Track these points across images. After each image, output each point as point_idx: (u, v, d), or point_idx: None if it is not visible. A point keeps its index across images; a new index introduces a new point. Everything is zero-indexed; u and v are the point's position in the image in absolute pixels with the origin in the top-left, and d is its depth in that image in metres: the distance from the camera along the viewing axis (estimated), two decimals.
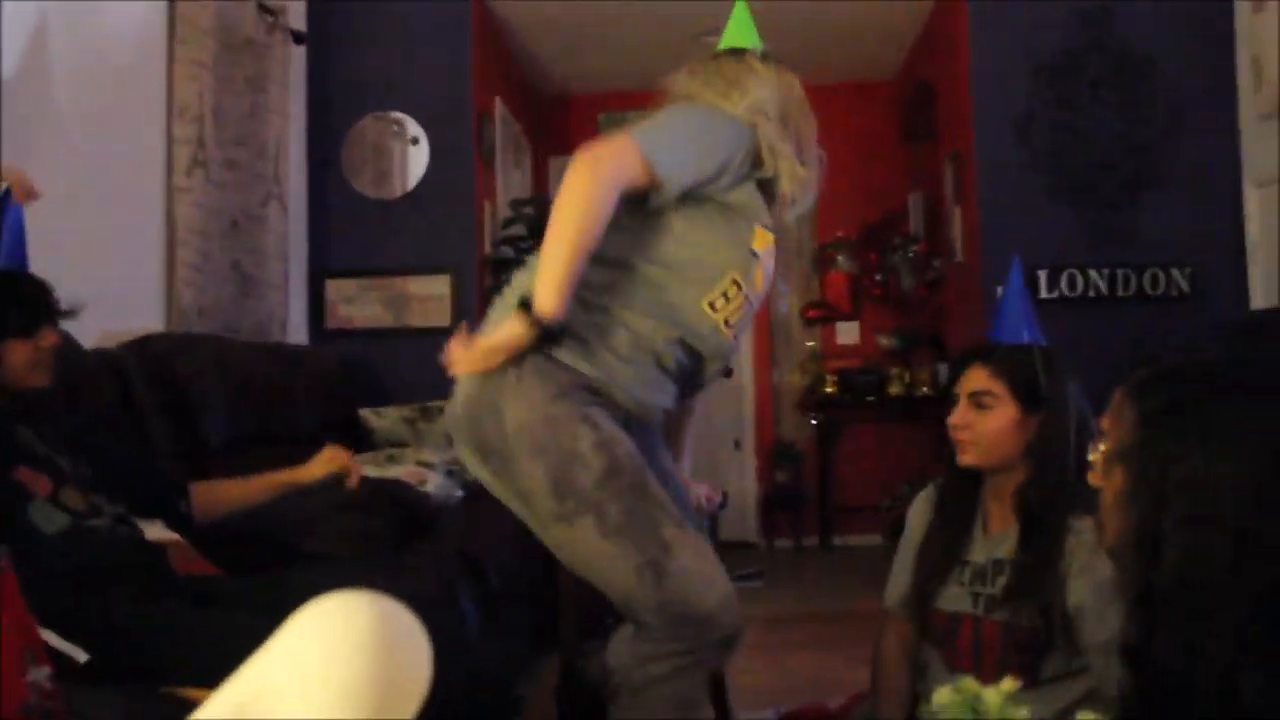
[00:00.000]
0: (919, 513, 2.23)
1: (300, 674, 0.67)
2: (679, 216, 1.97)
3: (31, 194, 2.16)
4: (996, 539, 2.06)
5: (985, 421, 2.03)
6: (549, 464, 1.83)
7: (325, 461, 2.30)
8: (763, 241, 2.03)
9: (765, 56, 2.23)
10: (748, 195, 2.03)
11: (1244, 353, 3.93)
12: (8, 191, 2.15)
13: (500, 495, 2.00)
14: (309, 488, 2.35)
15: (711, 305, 1.97)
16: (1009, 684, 0.73)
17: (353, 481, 2.35)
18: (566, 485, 1.83)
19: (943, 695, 0.75)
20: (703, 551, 1.84)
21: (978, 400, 2.04)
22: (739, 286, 1.99)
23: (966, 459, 2.06)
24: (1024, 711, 0.72)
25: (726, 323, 2.00)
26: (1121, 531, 1.27)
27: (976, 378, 2.05)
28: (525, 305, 1.81)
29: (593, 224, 1.84)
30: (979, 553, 2.07)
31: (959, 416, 2.06)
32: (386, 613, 0.70)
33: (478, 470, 2.01)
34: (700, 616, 1.78)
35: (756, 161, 2.05)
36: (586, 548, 1.86)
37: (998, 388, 2.03)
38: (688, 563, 1.80)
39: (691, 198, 1.97)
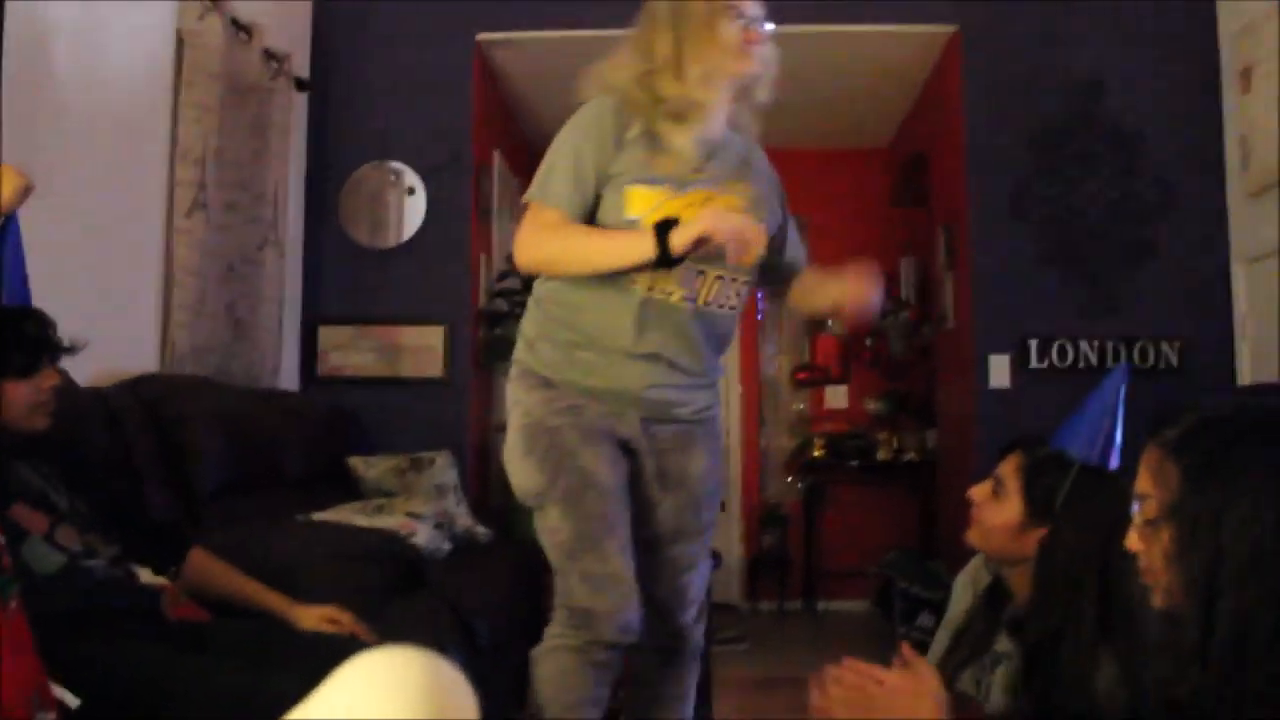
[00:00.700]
0: (961, 585, 2.20)
1: None
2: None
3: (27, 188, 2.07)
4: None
5: (990, 509, 1.99)
6: (521, 459, 2.23)
7: (323, 619, 2.18)
8: (641, 201, 2.14)
9: None
10: (629, 164, 2.18)
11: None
12: (10, 220, 2.11)
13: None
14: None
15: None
16: None
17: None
18: (531, 482, 2.21)
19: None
20: (615, 577, 2.12)
21: (995, 486, 2.00)
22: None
23: (969, 536, 2.04)
24: None
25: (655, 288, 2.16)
26: (1177, 588, 1.27)
27: (1007, 463, 2.01)
28: (661, 257, 2.06)
29: (572, 242, 2.17)
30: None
31: (976, 491, 2.03)
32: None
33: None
34: (598, 640, 2.12)
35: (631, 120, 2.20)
36: (545, 544, 2.21)
37: (1013, 482, 1.97)
38: (591, 589, 2.12)
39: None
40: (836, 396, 6.99)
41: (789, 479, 6.90)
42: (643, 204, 2.14)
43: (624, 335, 2.17)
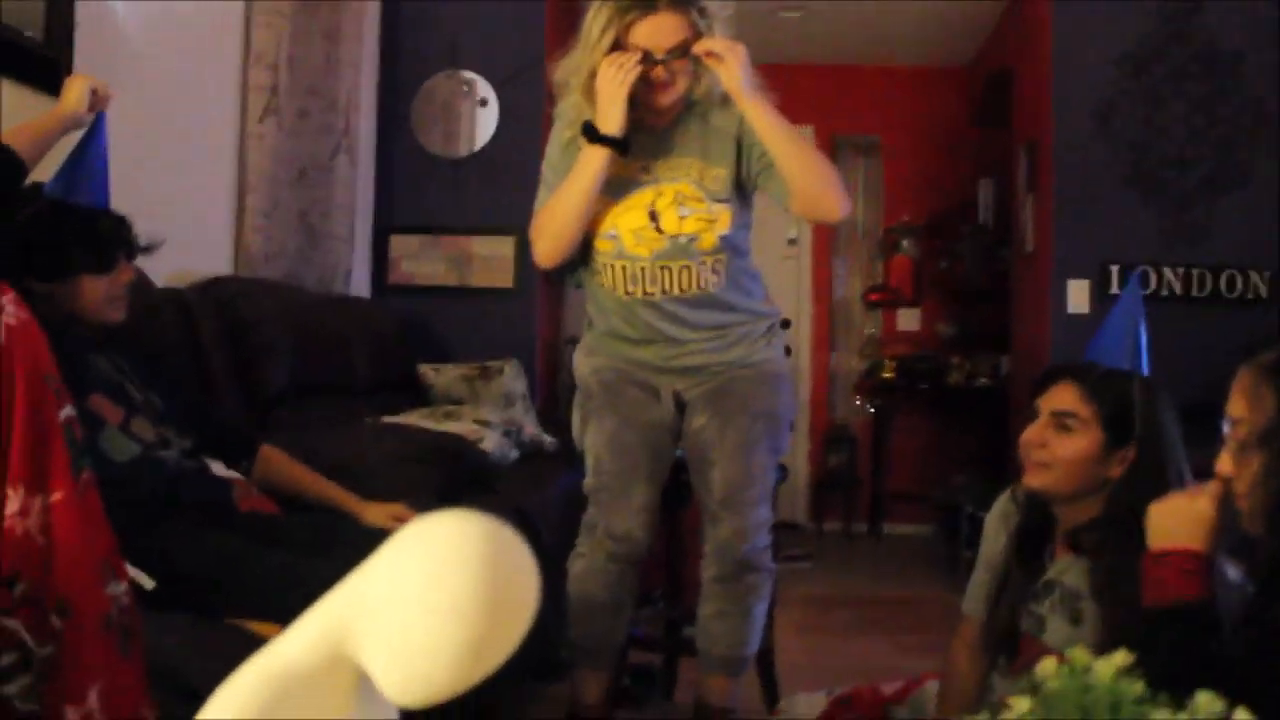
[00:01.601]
0: (993, 523, 2.13)
1: (404, 592, 0.65)
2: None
3: (106, 98, 2.16)
4: (1054, 564, 1.99)
5: (1065, 445, 1.86)
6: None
7: (390, 517, 2.22)
8: (600, 220, 2.37)
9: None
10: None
11: None
12: (99, 120, 2.15)
13: None
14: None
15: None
16: (1122, 657, 0.70)
17: None
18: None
19: (1048, 665, 0.72)
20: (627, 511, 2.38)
21: (1060, 420, 1.87)
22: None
23: (1035, 481, 1.91)
24: (1138, 686, 0.69)
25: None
26: (1265, 512, 1.23)
27: (1063, 396, 1.88)
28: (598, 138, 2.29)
29: (559, 216, 2.37)
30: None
31: (1036, 433, 1.90)
32: (493, 532, 0.68)
33: None
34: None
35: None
36: None
37: (1086, 411, 1.85)
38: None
39: None
40: (909, 319, 6.90)
41: (858, 400, 6.86)
42: (594, 220, 2.38)
43: (625, 328, 2.46)
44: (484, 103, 4.87)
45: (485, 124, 4.86)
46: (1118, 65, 4.61)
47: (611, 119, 2.26)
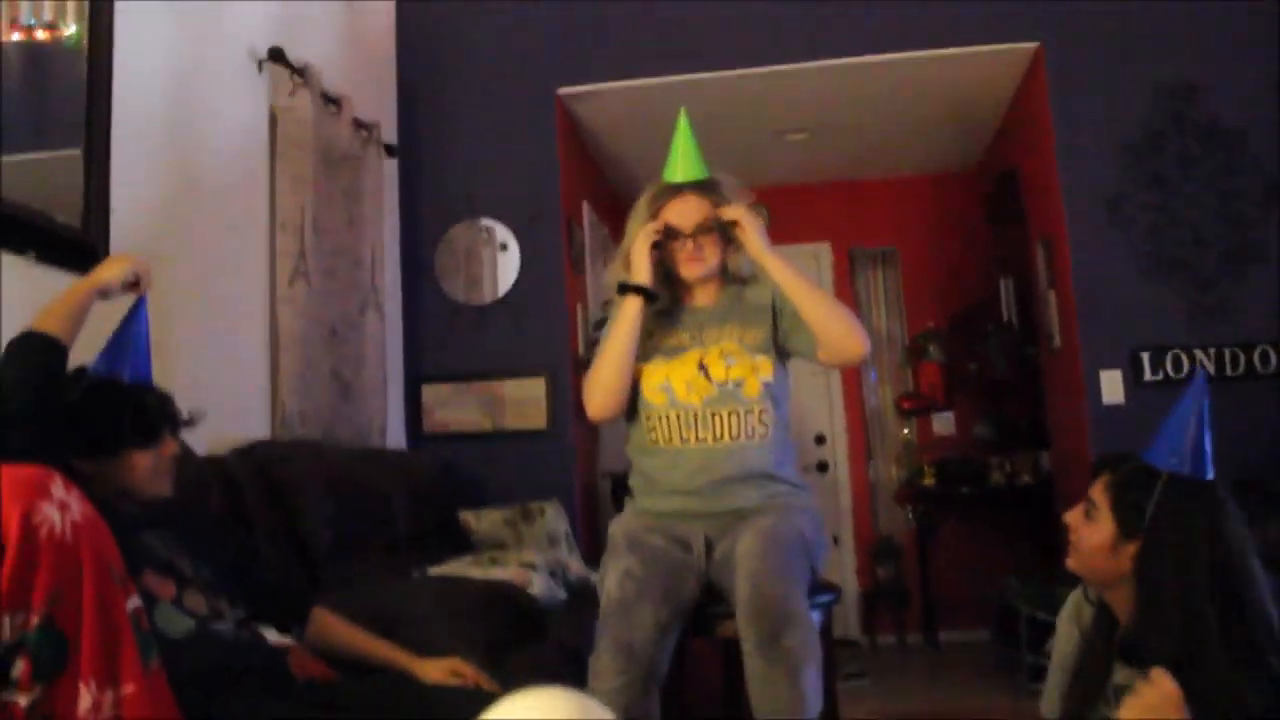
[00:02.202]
0: (1063, 621, 2.14)
1: None
2: None
3: (149, 281, 2.22)
4: (1119, 668, 1.97)
5: (1086, 532, 1.97)
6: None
7: (447, 672, 2.22)
8: (642, 376, 2.64)
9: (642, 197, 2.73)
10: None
11: None
12: (141, 301, 2.22)
13: None
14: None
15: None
16: None
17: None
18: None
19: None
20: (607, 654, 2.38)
21: (1087, 509, 1.98)
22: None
23: (1069, 562, 2.02)
24: None
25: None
26: None
27: (1096, 485, 1.99)
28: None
29: (602, 367, 2.64)
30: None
31: (1071, 517, 2.02)
32: (585, 706, 0.68)
33: None
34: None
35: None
36: None
37: (1103, 501, 1.95)
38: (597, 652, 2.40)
39: None
40: (943, 423, 6.87)
41: (901, 509, 6.79)
42: (640, 376, 2.66)
43: (670, 481, 2.60)
44: (504, 247, 4.97)
45: (507, 269, 4.95)
46: (1122, 154, 4.67)
47: (638, 271, 2.62)
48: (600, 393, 2.65)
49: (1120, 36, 4.73)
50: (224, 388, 3.39)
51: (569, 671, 2.79)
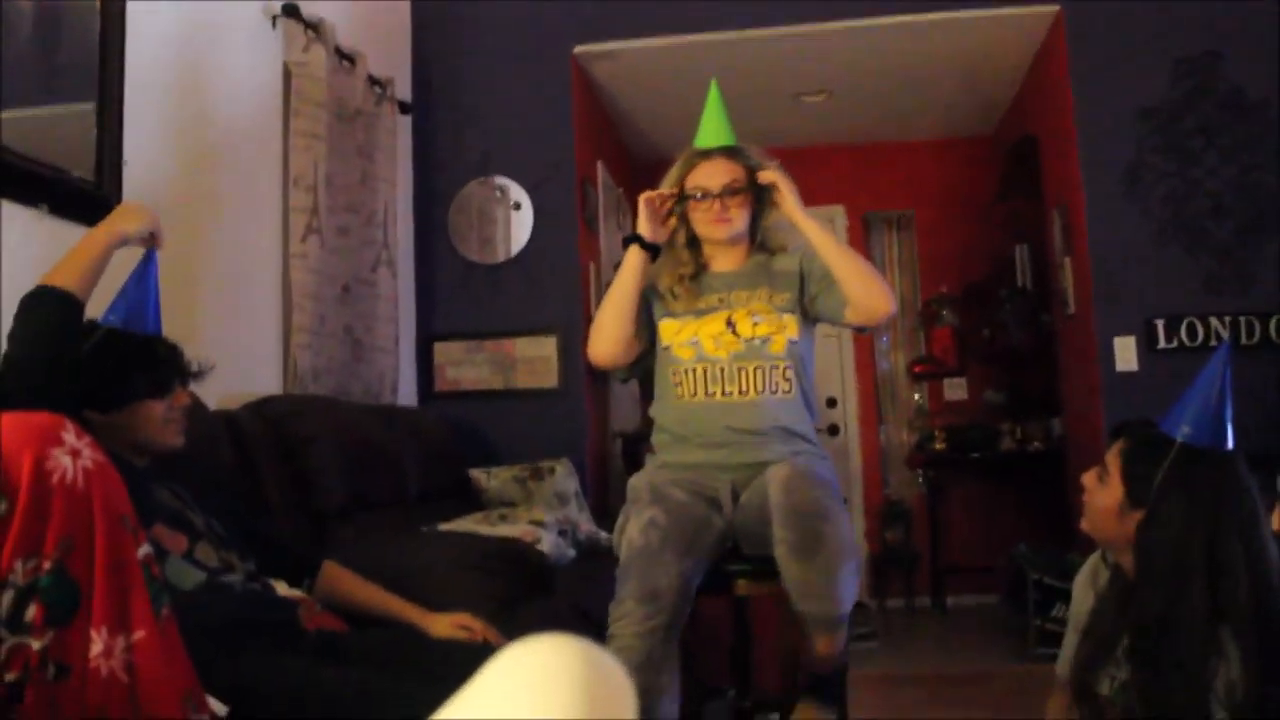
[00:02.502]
0: (1080, 583, 2.16)
1: (508, 717, 0.65)
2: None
3: (161, 238, 2.22)
4: None
5: (1097, 495, 1.99)
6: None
7: (455, 626, 2.24)
8: (669, 331, 2.70)
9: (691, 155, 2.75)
10: (656, 307, 2.76)
11: None
12: (151, 255, 2.22)
13: None
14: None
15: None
16: None
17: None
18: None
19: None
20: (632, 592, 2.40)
21: (1100, 471, 2.00)
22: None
23: (1082, 523, 2.05)
24: None
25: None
26: None
27: (1112, 449, 2.01)
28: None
29: (606, 315, 2.71)
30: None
31: (1087, 477, 2.04)
32: (593, 656, 0.68)
33: None
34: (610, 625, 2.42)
35: None
36: None
37: (1114, 466, 1.97)
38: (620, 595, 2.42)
39: None
40: (955, 388, 6.86)
41: (911, 473, 6.80)
42: (669, 332, 2.71)
43: (697, 434, 2.65)
44: (518, 206, 4.95)
45: (520, 228, 4.94)
46: (1141, 122, 4.63)
47: (643, 227, 2.69)
48: (601, 339, 2.72)
49: (1142, 2, 4.68)
50: (236, 343, 3.41)
51: (578, 628, 2.80)
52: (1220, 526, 1.82)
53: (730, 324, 2.67)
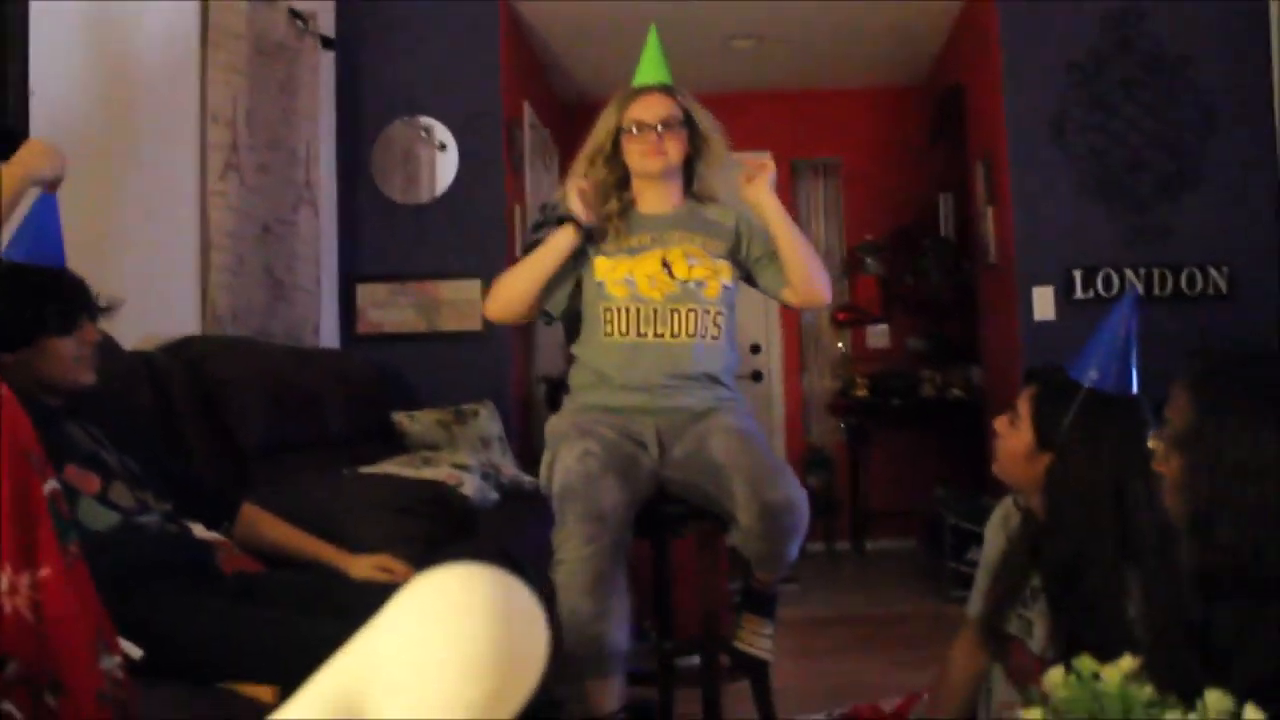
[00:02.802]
0: (992, 527, 2.21)
1: (416, 648, 0.64)
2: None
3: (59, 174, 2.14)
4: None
5: (1007, 439, 2.04)
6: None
7: (376, 568, 2.22)
8: (603, 267, 2.65)
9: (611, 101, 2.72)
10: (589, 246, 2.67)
11: None
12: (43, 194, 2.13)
13: None
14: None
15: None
16: (1128, 662, 0.70)
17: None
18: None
19: (1056, 675, 0.72)
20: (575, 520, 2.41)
21: (1011, 415, 2.05)
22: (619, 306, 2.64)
23: (994, 466, 2.11)
24: (1147, 690, 0.69)
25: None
26: (1180, 515, 1.28)
27: (1022, 395, 2.05)
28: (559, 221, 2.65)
29: (518, 281, 2.68)
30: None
31: (998, 422, 2.09)
32: (505, 585, 0.67)
33: None
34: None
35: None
36: None
37: (1024, 410, 2.02)
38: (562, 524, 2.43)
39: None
40: (878, 336, 6.94)
41: (833, 420, 6.88)
42: (603, 268, 2.66)
43: (622, 376, 2.63)
44: (443, 147, 4.88)
45: (445, 169, 4.87)
46: (1067, 74, 4.68)
47: (576, 209, 2.62)
48: (503, 302, 2.71)
49: None
50: (152, 283, 3.32)
51: (503, 569, 2.80)
52: (1125, 468, 1.86)
53: (665, 264, 2.65)
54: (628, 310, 2.63)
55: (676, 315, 2.63)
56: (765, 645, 2.76)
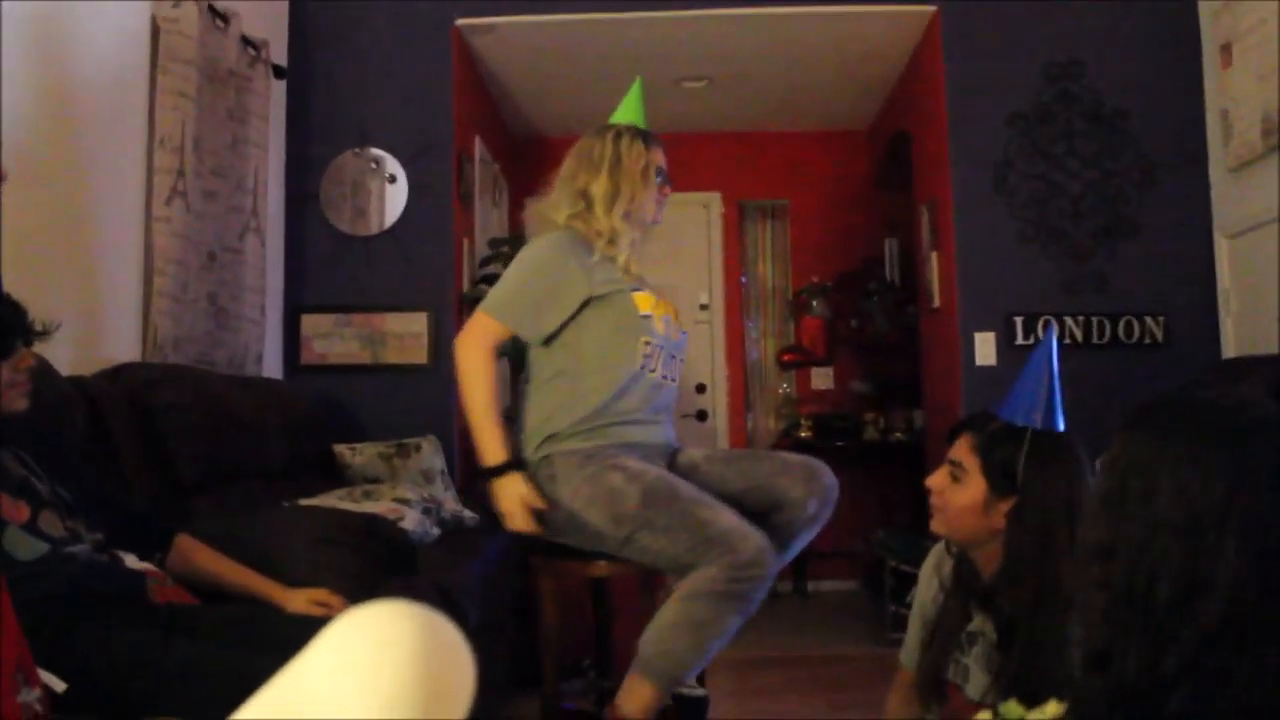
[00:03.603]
0: (925, 572, 2.19)
1: (338, 687, 0.64)
2: (573, 328, 2.65)
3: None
4: (978, 616, 2.03)
5: (955, 494, 1.99)
6: (600, 508, 2.50)
7: (311, 602, 2.20)
8: (646, 303, 2.67)
9: (620, 134, 2.76)
10: (609, 278, 2.65)
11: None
12: None
13: (591, 548, 2.60)
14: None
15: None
16: (1053, 709, 0.71)
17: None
18: (619, 515, 2.48)
19: (983, 718, 0.73)
20: (733, 516, 2.45)
21: (953, 471, 2.00)
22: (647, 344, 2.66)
23: (935, 525, 2.05)
24: None
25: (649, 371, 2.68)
26: (1086, 543, 1.29)
27: (959, 447, 2.01)
28: (485, 474, 2.58)
29: (479, 385, 2.60)
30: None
31: (934, 480, 2.04)
32: (430, 623, 0.67)
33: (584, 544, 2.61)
34: (744, 560, 2.38)
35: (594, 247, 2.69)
36: (654, 550, 2.48)
37: (970, 462, 1.97)
38: (725, 524, 2.42)
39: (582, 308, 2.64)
40: (822, 378, 6.99)
41: None
42: (645, 304, 2.68)
43: (640, 412, 2.68)
44: (393, 179, 4.87)
45: (395, 201, 4.86)
46: (1010, 125, 4.77)
47: (497, 497, 2.59)
48: (462, 374, 2.67)
49: (1016, 5, 4.83)
50: (92, 308, 3.28)
51: (438, 605, 2.78)
52: (1077, 503, 1.86)
53: (669, 314, 2.78)
54: (658, 349, 2.70)
55: (675, 361, 2.77)
56: (699, 684, 2.82)
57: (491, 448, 2.56)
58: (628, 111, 2.84)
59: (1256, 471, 1.04)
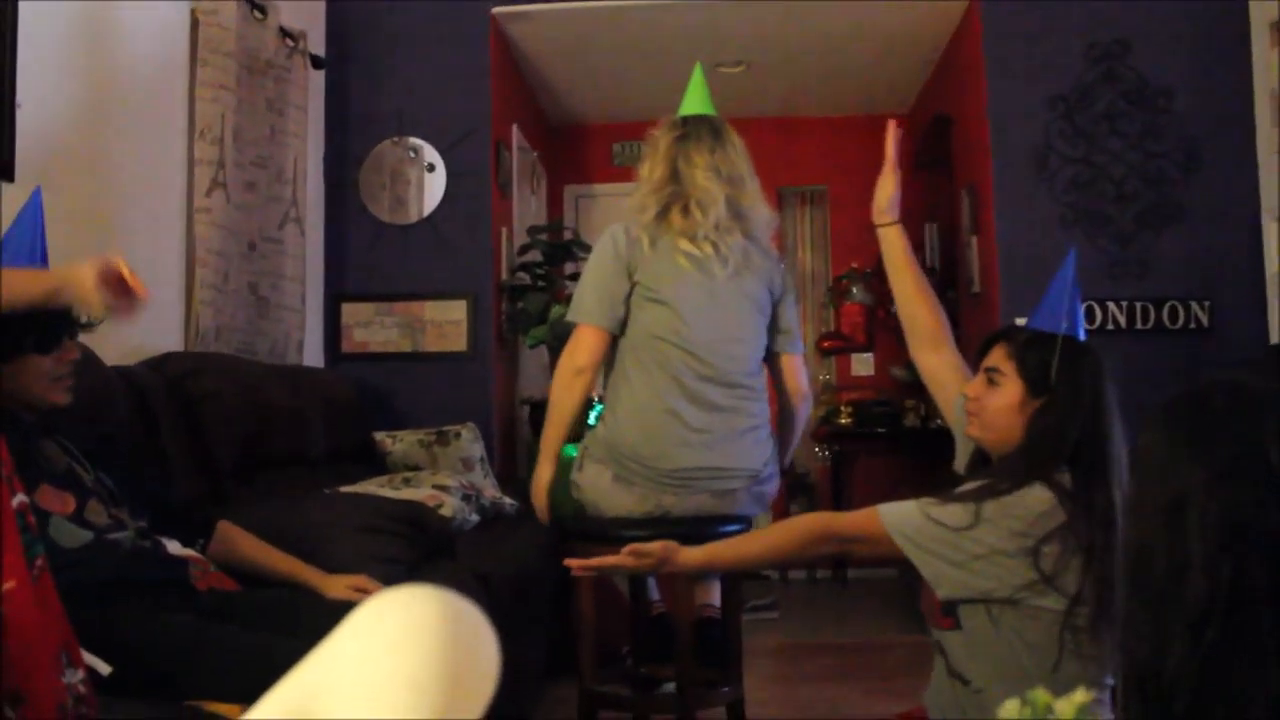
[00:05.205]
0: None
1: (365, 669, 0.64)
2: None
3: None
4: None
5: (992, 397, 2.09)
6: None
7: (351, 588, 2.23)
8: None
9: (675, 124, 3.01)
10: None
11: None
12: (35, 196, 2.12)
13: None
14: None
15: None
16: (1081, 695, 0.71)
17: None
18: None
19: (1010, 709, 0.73)
20: None
21: (990, 376, 2.10)
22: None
23: (971, 430, 2.16)
24: None
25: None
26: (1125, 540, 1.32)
27: (994, 355, 2.11)
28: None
29: (558, 409, 2.83)
30: None
31: (972, 388, 2.15)
32: (455, 608, 0.68)
33: None
34: None
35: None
36: None
37: (1007, 366, 2.07)
38: None
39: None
40: (862, 364, 6.95)
41: (816, 448, 6.89)
42: None
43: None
44: (431, 168, 4.89)
45: (433, 189, 4.89)
46: (1051, 107, 4.71)
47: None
48: (554, 387, 2.89)
49: None
50: None
51: (477, 593, 2.80)
52: (1101, 397, 1.99)
53: None
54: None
55: None
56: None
57: (549, 460, 2.93)
58: (690, 101, 3.09)
59: (1228, 459, 1.10)
